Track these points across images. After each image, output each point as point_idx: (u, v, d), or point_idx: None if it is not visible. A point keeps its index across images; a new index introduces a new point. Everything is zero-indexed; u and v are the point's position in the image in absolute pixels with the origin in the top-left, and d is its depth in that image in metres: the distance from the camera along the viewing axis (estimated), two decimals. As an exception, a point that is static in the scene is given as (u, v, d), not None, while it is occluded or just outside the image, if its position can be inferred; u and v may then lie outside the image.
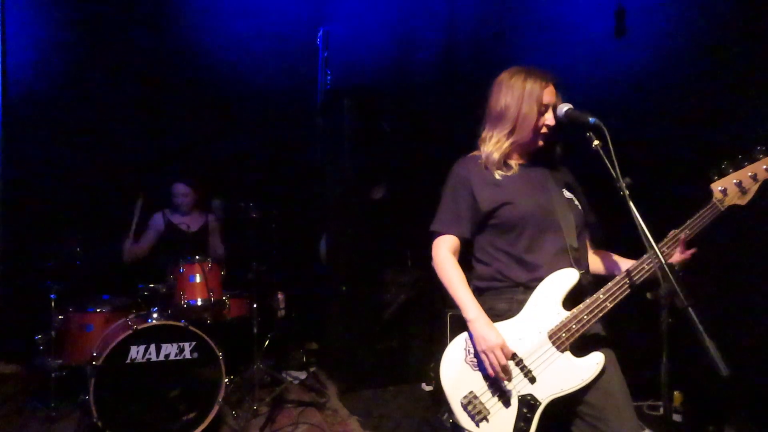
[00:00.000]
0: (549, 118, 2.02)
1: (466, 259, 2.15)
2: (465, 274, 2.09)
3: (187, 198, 4.60)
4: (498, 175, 2.05)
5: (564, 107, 1.98)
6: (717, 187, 1.99)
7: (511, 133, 2.04)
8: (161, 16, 5.26)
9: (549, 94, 2.01)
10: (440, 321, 3.90)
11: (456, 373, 1.99)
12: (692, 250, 1.94)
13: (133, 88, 5.15)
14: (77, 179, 4.98)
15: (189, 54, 5.32)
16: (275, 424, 3.84)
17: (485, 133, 2.12)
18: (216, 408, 3.55)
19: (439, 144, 4.97)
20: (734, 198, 1.99)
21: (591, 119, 1.87)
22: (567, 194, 2.08)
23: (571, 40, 4.16)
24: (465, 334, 2.02)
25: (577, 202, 2.08)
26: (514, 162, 2.09)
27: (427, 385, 4.47)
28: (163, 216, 4.58)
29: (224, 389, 3.58)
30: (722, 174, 2.00)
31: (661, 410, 3.57)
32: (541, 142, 2.06)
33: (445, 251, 2.10)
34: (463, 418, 1.94)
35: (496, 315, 2.00)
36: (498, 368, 1.89)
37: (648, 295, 1.76)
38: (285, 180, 5.53)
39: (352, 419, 3.97)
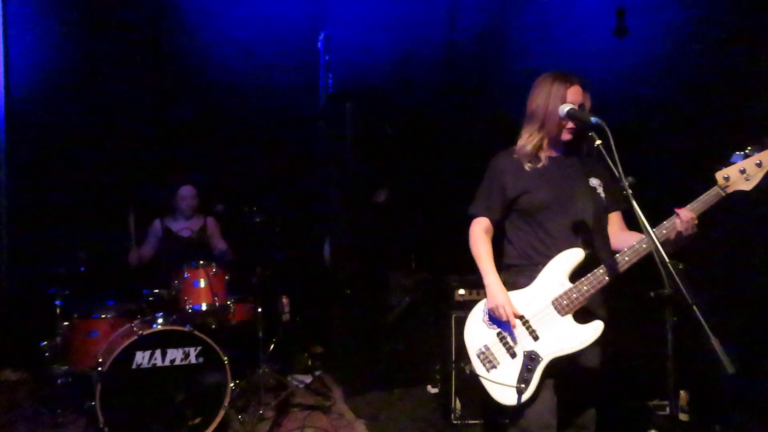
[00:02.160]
0: (563, 105, 2.22)
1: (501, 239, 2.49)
2: (498, 253, 2.45)
3: (194, 201, 4.60)
4: (527, 166, 2.36)
5: (565, 107, 2.14)
6: (721, 175, 2.13)
7: (540, 128, 2.33)
8: (164, 21, 5.28)
9: (573, 94, 2.25)
10: (445, 323, 3.90)
11: (474, 329, 2.39)
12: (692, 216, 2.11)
13: (136, 95, 5.17)
14: (81, 185, 4.99)
15: (191, 59, 5.34)
16: (281, 428, 3.84)
17: (523, 129, 2.41)
18: (222, 413, 3.55)
19: (441, 147, 4.98)
20: (737, 183, 2.12)
21: (593, 119, 1.91)
22: (592, 183, 2.35)
23: (572, 40, 4.17)
24: (485, 300, 2.39)
25: (600, 191, 2.34)
26: (544, 154, 2.37)
27: (433, 387, 4.46)
28: (160, 223, 4.58)
29: (230, 394, 3.58)
30: (729, 164, 2.12)
31: (668, 409, 3.56)
32: (569, 136, 2.30)
33: (478, 230, 2.46)
34: (478, 365, 2.33)
35: (516, 287, 2.34)
36: (503, 323, 2.27)
37: (652, 294, 1.76)
38: (288, 184, 5.54)
39: (357, 422, 3.97)
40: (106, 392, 3.27)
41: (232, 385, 3.61)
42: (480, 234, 2.44)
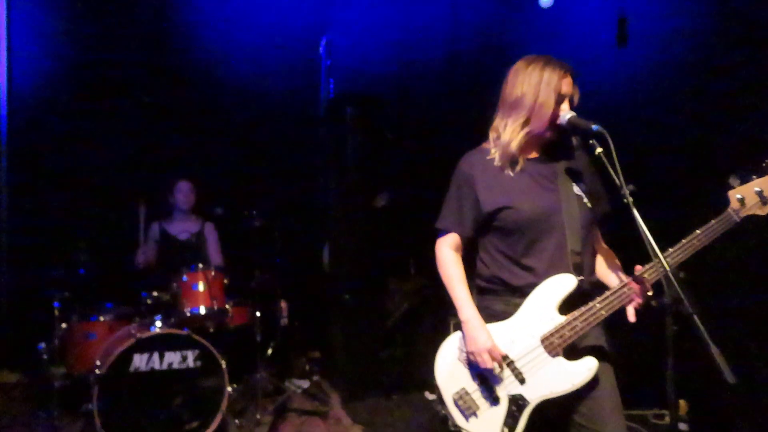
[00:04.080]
0: (565, 109, 1.95)
1: (472, 256, 2.15)
2: (470, 271, 2.12)
3: (191, 195, 4.56)
4: (505, 171, 2.01)
5: (567, 114, 1.94)
6: (735, 195, 1.89)
7: (526, 122, 1.97)
8: (165, 27, 5.29)
9: (567, 85, 1.96)
10: (444, 329, 3.88)
11: (449, 370, 2.05)
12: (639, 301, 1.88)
13: (137, 98, 5.17)
14: (81, 188, 4.99)
15: (192, 63, 5.34)
16: (278, 433, 3.83)
17: (497, 122, 2.06)
18: (219, 417, 3.54)
19: (441, 152, 4.98)
20: (753, 208, 1.88)
21: (594, 126, 1.83)
22: (577, 190, 2.01)
23: (573, 49, 4.18)
24: (459, 333, 2.06)
25: (587, 200, 2.01)
26: (522, 157, 2.01)
27: (431, 393, 4.45)
28: (158, 226, 4.55)
29: (227, 398, 3.58)
30: (744, 180, 1.89)
31: (667, 419, 3.55)
32: (554, 134, 1.99)
33: (447, 249, 2.12)
34: (455, 412, 2.01)
35: (492, 316, 2.02)
36: (485, 369, 1.94)
37: (653, 302, 1.75)
38: (288, 188, 5.54)
39: (355, 428, 3.96)
40: (104, 395, 3.27)
41: (229, 389, 3.60)
42: (449, 254, 2.10)
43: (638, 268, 1.88)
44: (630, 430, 3.63)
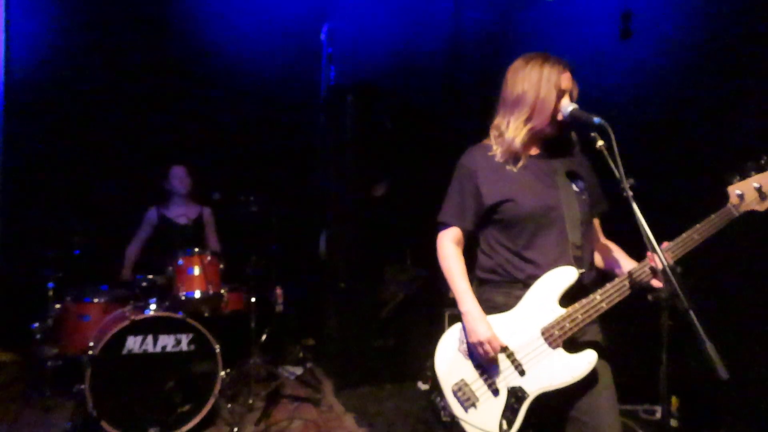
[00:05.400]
0: (566, 104, 1.97)
1: (474, 249, 2.17)
2: (470, 264, 2.13)
3: (186, 181, 4.55)
4: (506, 166, 2.04)
5: (569, 107, 1.95)
6: (734, 190, 1.91)
7: (528, 119, 2.00)
8: (165, 12, 5.24)
9: (566, 80, 1.99)
10: (438, 320, 3.90)
11: (449, 361, 2.06)
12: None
13: (136, 81, 5.14)
14: (77, 169, 4.97)
15: (192, 48, 5.31)
16: (270, 419, 3.83)
17: (498, 120, 2.09)
18: (211, 401, 3.54)
19: (441, 142, 4.97)
20: (752, 203, 1.89)
21: (596, 119, 1.83)
22: (576, 187, 2.05)
23: (576, 42, 4.16)
24: (460, 324, 2.07)
25: (586, 195, 2.05)
26: (524, 153, 2.05)
27: (424, 383, 4.46)
28: (156, 211, 4.54)
29: (220, 383, 3.58)
30: (743, 176, 1.91)
31: (659, 415, 3.56)
32: (555, 130, 2.02)
33: (448, 243, 2.13)
34: (453, 404, 2.01)
35: (492, 307, 2.03)
36: (485, 360, 1.95)
37: (649, 296, 1.75)
38: (286, 175, 5.52)
39: (347, 416, 3.97)
40: (96, 377, 3.26)
41: (222, 373, 3.61)
42: (450, 247, 2.12)
43: (650, 255, 1.89)
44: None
